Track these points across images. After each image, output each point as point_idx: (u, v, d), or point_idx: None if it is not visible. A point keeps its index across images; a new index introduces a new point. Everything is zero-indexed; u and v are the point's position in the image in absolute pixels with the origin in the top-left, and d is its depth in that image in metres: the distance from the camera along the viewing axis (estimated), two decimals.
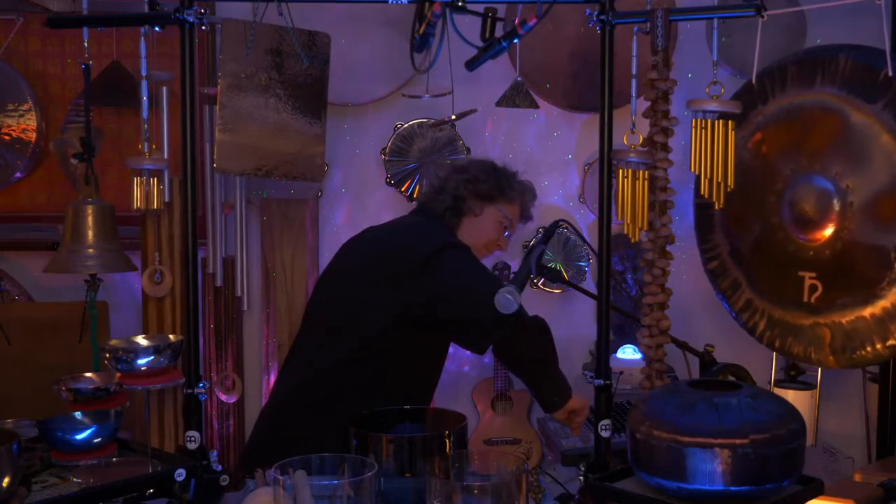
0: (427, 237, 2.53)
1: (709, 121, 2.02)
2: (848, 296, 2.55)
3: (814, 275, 2.62)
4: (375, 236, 2.65)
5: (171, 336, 2.13)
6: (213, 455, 2.05)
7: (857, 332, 2.53)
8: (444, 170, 2.77)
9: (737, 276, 2.86)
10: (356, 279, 2.54)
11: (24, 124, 3.27)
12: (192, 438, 2.04)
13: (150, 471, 1.97)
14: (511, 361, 2.69)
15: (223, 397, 3.26)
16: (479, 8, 1.98)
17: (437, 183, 2.69)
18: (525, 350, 2.52)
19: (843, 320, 2.56)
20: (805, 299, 2.64)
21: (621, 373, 2.71)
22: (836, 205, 2.56)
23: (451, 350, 3.53)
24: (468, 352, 3.45)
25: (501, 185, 2.67)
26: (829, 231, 2.58)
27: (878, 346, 2.48)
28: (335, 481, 1.69)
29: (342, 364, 2.46)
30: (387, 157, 3.28)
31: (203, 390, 2.06)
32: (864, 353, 2.52)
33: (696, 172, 2.05)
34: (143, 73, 2.25)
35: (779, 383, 2.98)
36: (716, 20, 2.07)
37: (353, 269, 2.58)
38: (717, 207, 2.06)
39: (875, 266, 2.48)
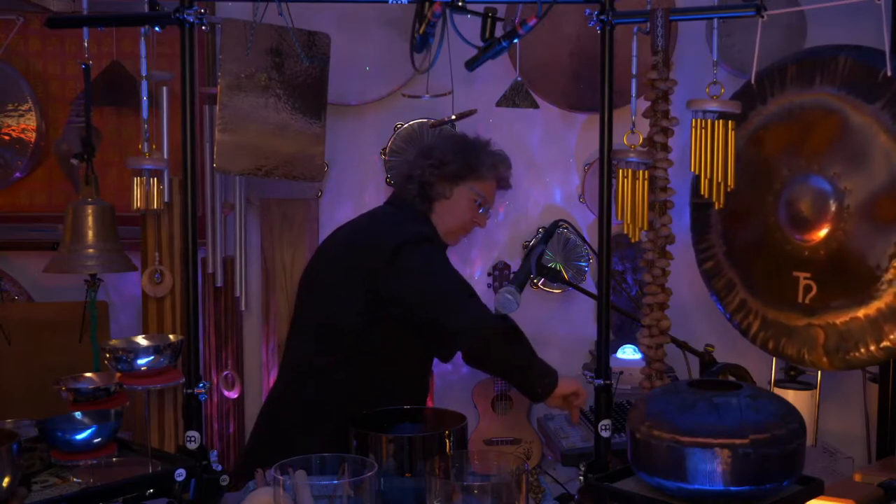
0: (393, 228, 2.51)
1: (709, 121, 2.02)
2: (843, 296, 2.54)
3: (809, 275, 2.62)
4: (346, 229, 2.67)
5: (171, 336, 2.12)
6: (213, 455, 2.05)
7: (850, 333, 2.52)
8: (412, 154, 2.73)
9: (731, 276, 2.86)
10: (329, 273, 2.57)
11: (24, 124, 3.27)
12: (192, 438, 2.04)
13: (150, 471, 1.97)
14: (483, 367, 2.65)
15: (225, 393, 3.26)
16: (479, 8, 1.98)
17: (406, 170, 2.67)
18: (495, 356, 2.45)
19: (838, 321, 2.56)
20: (800, 300, 2.64)
21: (621, 373, 2.71)
22: (833, 205, 2.55)
23: None
24: None
25: (470, 163, 2.62)
26: (824, 231, 2.58)
27: (872, 347, 2.48)
28: (335, 481, 1.69)
29: (326, 364, 2.49)
30: (387, 157, 3.28)
31: (203, 390, 2.06)
32: (857, 354, 2.52)
33: (696, 172, 2.05)
34: (143, 73, 2.25)
35: (779, 383, 2.98)
36: (716, 20, 2.07)
37: (326, 263, 2.61)
38: (717, 207, 2.06)
39: (870, 267, 2.48)
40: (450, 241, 2.68)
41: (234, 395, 3.28)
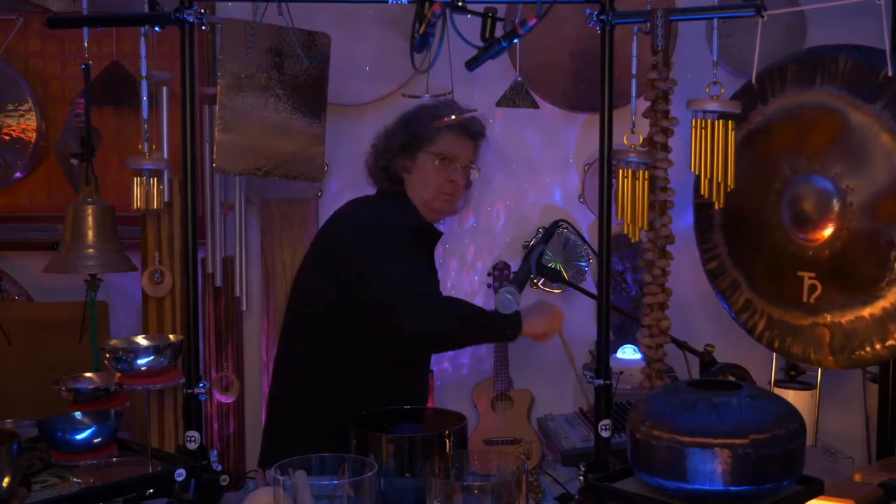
0: (358, 215, 2.58)
1: (709, 121, 2.02)
2: (847, 296, 2.54)
3: (813, 275, 2.62)
4: (330, 218, 2.74)
5: (171, 336, 2.13)
6: (213, 455, 2.06)
7: (856, 332, 2.52)
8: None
9: (736, 276, 2.86)
10: (308, 263, 2.65)
11: (24, 124, 3.27)
12: (192, 438, 2.04)
13: (150, 471, 1.97)
14: (444, 351, 2.70)
15: (220, 398, 3.26)
16: (479, 8, 1.98)
17: (370, 162, 2.73)
18: (452, 345, 2.61)
19: (843, 320, 2.56)
20: (804, 299, 2.64)
21: (621, 373, 2.71)
22: (836, 205, 2.55)
23: (450, 352, 3.53)
24: (468, 350, 3.47)
25: (415, 132, 2.61)
26: (828, 231, 2.58)
27: (878, 346, 2.48)
28: (335, 481, 1.69)
29: (303, 354, 2.56)
30: None
31: (203, 390, 2.07)
32: (863, 353, 2.52)
33: (696, 172, 2.05)
34: (143, 73, 2.25)
35: (779, 383, 2.98)
36: (716, 20, 2.07)
37: (311, 252, 2.69)
38: (717, 207, 2.06)
39: (874, 266, 2.48)
40: (435, 211, 2.65)
41: (229, 400, 3.26)
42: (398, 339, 2.40)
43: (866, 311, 2.50)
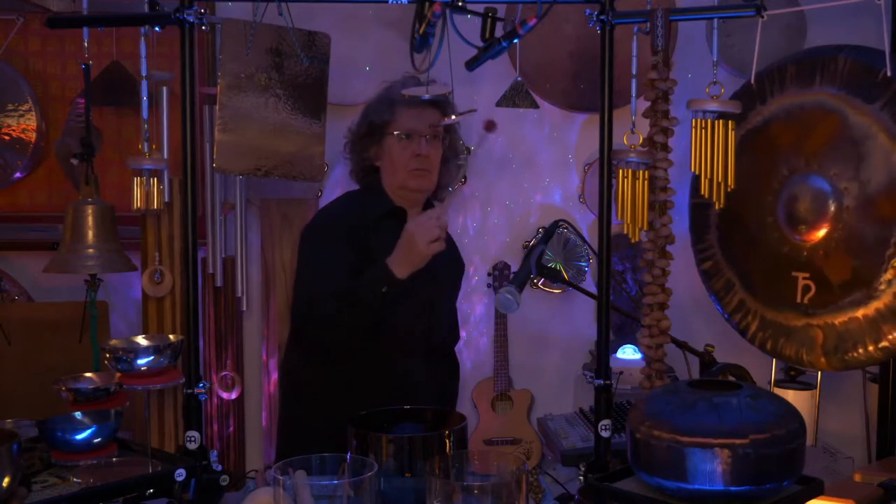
0: (320, 211, 2.66)
1: (709, 121, 2.02)
2: (841, 297, 2.54)
3: (807, 275, 2.62)
4: None
5: (171, 336, 2.12)
6: (213, 455, 2.06)
7: (849, 333, 2.52)
8: None
9: (730, 276, 2.86)
10: None
11: (24, 124, 3.27)
12: (192, 438, 2.04)
13: (150, 471, 1.97)
14: None
15: (224, 395, 3.26)
16: (479, 8, 1.98)
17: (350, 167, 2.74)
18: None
19: (836, 321, 2.55)
20: (798, 300, 2.63)
21: (621, 373, 2.71)
22: (832, 205, 2.55)
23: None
24: (467, 350, 3.48)
25: (371, 122, 2.61)
26: (823, 231, 2.58)
27: (871, 347, 2.48)
28: (335, 481, 1.69)
29: (289, 353, 2.62)
30: None
31: (203, 390, 2.06)
32: (856, 354, 2.51)
33: (696, 172, 2.05)
34: (143, 73, 2.25)
35: (779, 383, 2.98)
36: (716, 20, 2.07)
37: None
38: (717, 207, 2.06)
39: (869, 267, 2.48)
40: (411, 190, 2.58)
41: (233, 396, 3.27)
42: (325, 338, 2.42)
43: (860, 312, 2.50)
